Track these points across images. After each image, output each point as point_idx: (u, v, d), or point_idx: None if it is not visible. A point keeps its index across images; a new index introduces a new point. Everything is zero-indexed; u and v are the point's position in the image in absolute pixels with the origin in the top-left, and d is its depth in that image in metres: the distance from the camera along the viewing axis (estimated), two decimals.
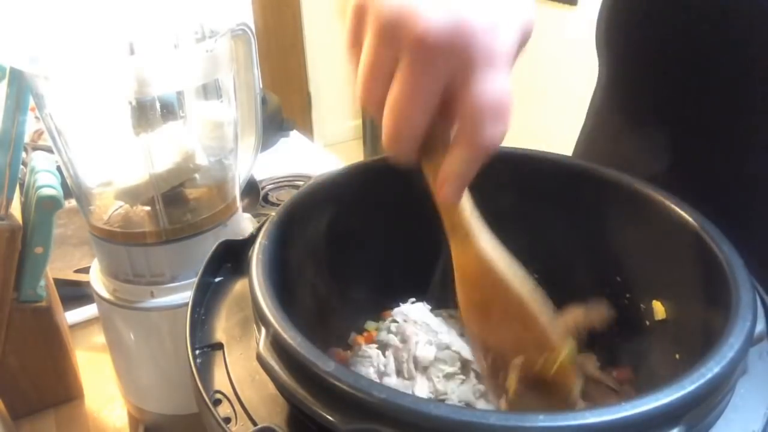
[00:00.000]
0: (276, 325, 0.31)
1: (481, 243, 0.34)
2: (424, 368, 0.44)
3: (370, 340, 0.48)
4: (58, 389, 0.67)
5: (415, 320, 0.46)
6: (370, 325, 0.50)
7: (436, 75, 0.29)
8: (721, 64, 0.45)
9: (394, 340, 0.46)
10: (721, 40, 0.44)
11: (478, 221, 0.34)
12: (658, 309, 0.42)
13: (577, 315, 0.42)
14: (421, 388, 0.43)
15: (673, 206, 0.39)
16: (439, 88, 0.29)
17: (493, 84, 0.29)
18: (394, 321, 0.47)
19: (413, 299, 0.49)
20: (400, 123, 0.30)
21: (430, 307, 0.48)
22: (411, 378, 0.44)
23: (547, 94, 2.38)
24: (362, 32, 0.31)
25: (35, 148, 0.86)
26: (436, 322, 0.47)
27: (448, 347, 0.44)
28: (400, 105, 0.29)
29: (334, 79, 3.26)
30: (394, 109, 0.30)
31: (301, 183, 1.06)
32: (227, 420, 0.31)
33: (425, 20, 0.28)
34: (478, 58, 0.29)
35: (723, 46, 0.44)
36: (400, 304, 0.51)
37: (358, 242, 0.45)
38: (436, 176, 0.32)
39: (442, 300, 0.49)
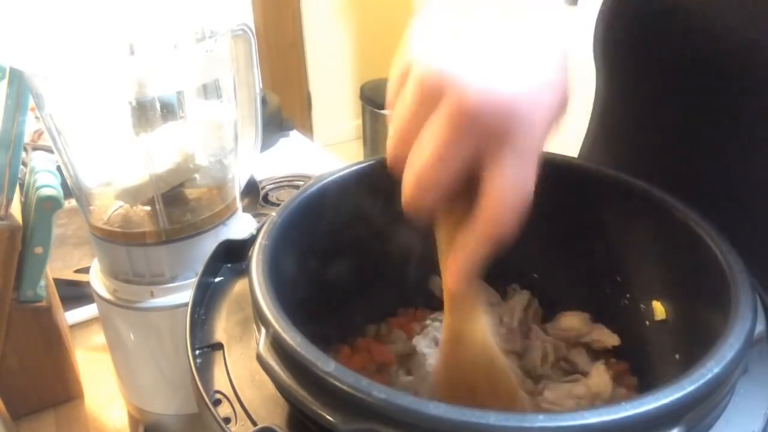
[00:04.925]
0: (276, 325, 0.31)
1: (483, 322, 0.35)
2: None
3: (379, 345, 0.48)
4: (58, 389, 0.67)
5: None
6: (370, 329, 0.50)
7: (467, 144, 0.28)
8: (721, 72, 0.45)
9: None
10: (720, 49, 0.44)
11: (482, 299, 0.35)
12: (658, 309, 0.42)
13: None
14: None
15: (673, 206, 0.40)
16: (467, 157, 0.29)
17: (522, 173, 0.29)
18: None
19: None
20: (422, 182, 0.29)
21: None
22: None
23: None
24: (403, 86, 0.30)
25: (35, 148, 0.85)
26: None
27: None
28: (427, 164, 0.29)
29: (334, 79, 3.26)
30: (419, 167, 0.29)
31: (301, 183, 1.06)
32: (227, 420, 0.31)
33: (471, 88, 0.27)
34: (514, 141, 0.28)
35: (722, 56, 0.44)
36: (401, 308, 0.51)
37: (359, 243, 0.45)
38: (447, 240, 0.32)
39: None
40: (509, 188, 0.29)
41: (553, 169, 0.46)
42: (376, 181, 0.45)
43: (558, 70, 0.30)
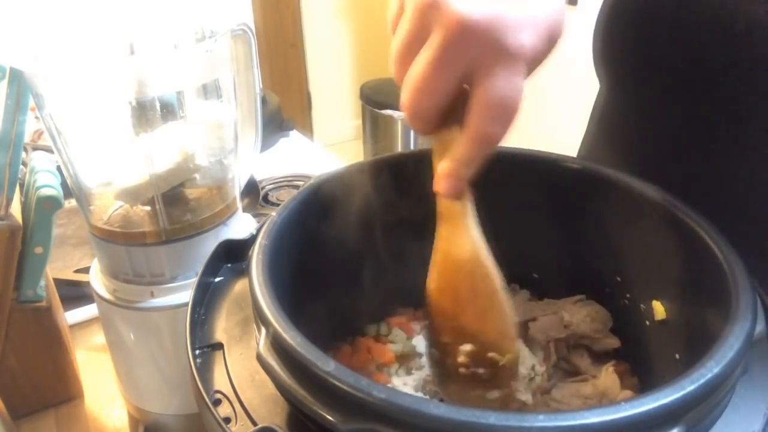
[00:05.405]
0: (276, 325, 0.31)
1: (473, 233, 0.35)
2: None
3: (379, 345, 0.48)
4: (58, 389, 0.67)
5: None
6: (370, 329, 0.50)
7: (461, 57, 0.30)
8: (721, 72, 0.45)
9: None
10: (719, 50, 0.44)
11: (472, 212, 0.35)
12: (658, 309, 0.42)
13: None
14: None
15: (673, 206, 0.39)
16: (460, 70, 0.31)
17: (508, 83, 0.31)
18: None
19: None
20: (419, 89, 0.31)
21: None
22: None
23: (546, 94, 2.38)
24: (402, 14, 0.32)
25: (35, 148, 0.85)
26: None
27: None
28: (424, 76, 0.31)
29: (334, 79, 3.26)
30: (417, 78, 0.31)
31: (301, 183, 1.06)
32: (227, 420, 0.31)
33: (462, 7, 0.30)
34: (503, 54, 0.30)
35: (721, 56, 0.44)
36: (401, 308, 0.51)
37: (359, 242, 0.45)
38: (441, 156, 0.34)
39: None
40: (497, 96, 0.31)
41: (552, 169, 0.46)
42: (376, 180, 0.45)
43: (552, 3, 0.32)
